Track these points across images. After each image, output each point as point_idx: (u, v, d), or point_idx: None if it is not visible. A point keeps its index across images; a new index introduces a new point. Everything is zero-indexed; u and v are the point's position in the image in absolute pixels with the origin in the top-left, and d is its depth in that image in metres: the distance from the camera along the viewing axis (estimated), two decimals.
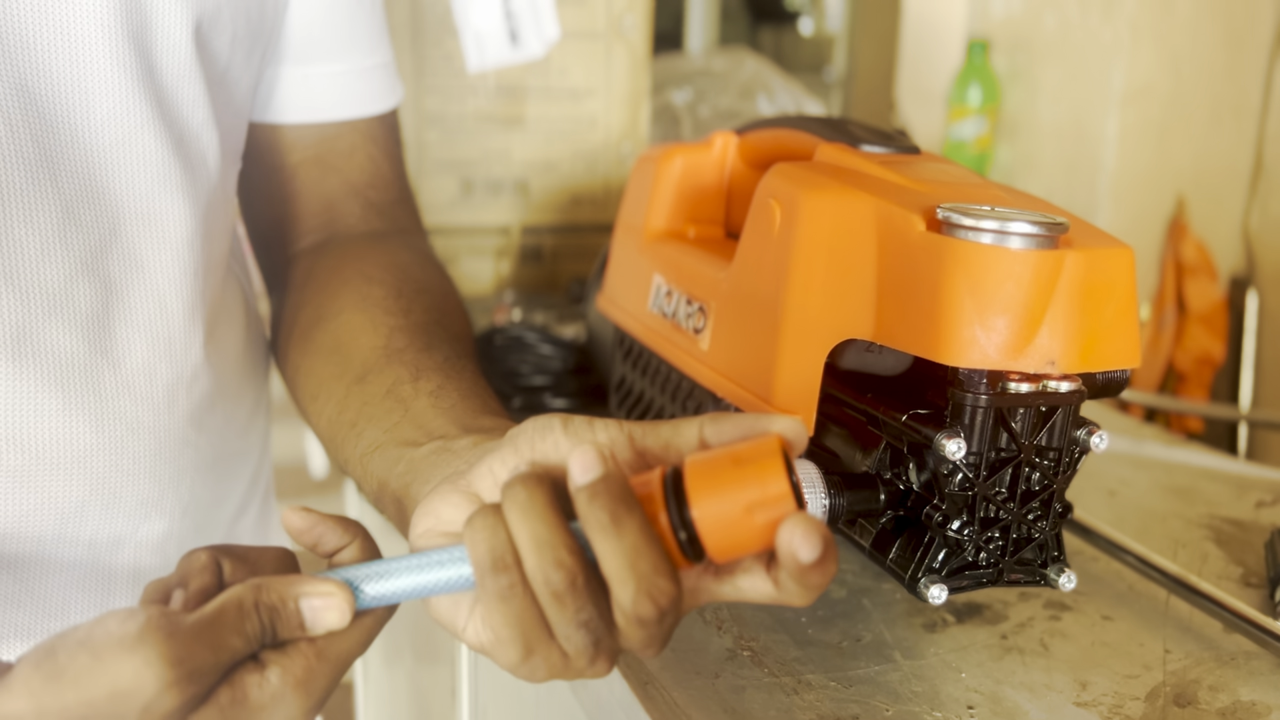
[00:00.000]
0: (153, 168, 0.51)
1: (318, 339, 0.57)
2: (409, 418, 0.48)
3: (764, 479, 0.34)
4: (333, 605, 0.36)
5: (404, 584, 0.37)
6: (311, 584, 0.36)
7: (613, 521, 0.34)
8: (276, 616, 0.36)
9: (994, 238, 0.41)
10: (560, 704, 0.60)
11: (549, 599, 0.35)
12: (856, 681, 0.47)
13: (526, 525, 0.35)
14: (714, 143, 0.65)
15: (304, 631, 0.36)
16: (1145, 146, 1.61)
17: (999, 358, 0.41)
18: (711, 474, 0.35)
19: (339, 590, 0.37)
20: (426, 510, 0.40)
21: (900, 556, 0.46)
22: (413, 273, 0.60)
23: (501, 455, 0.39)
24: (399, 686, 1.17)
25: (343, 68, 0.62)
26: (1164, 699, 0.47)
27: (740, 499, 0.35)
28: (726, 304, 0.54)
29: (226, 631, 0.35)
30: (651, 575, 0.34)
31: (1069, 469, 0.45)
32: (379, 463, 0.47)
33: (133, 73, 0.49)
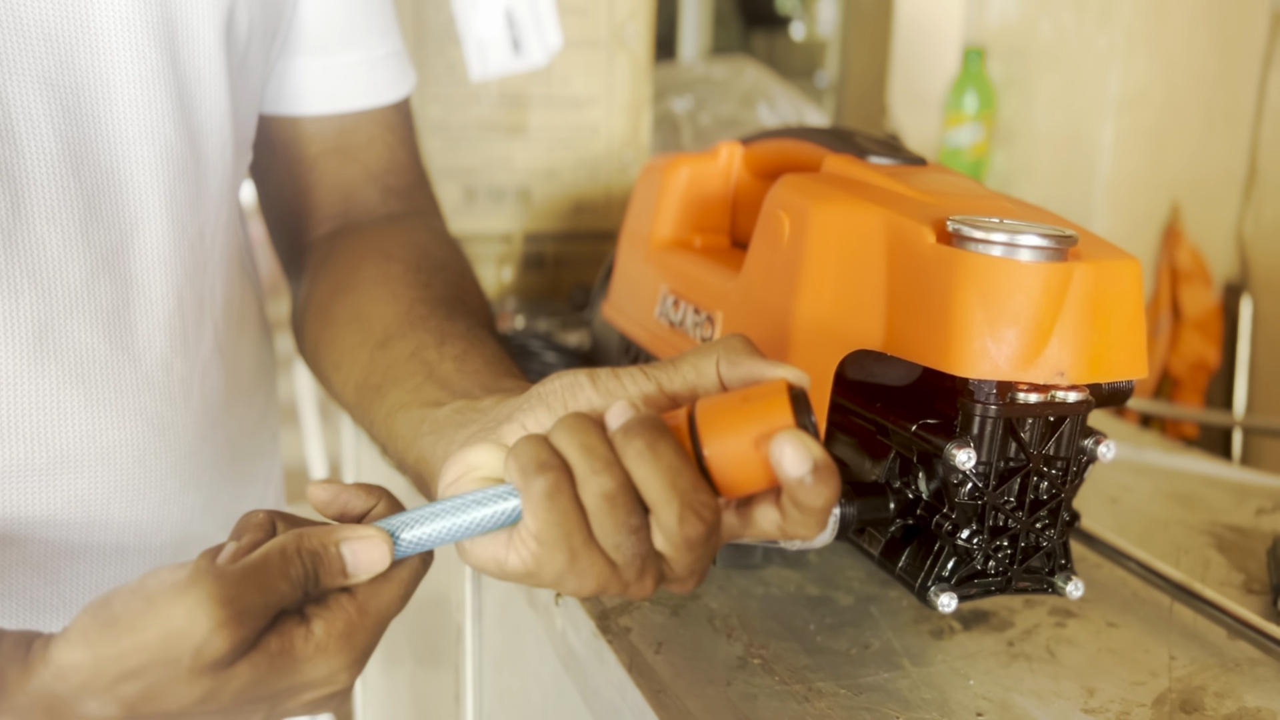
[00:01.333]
0: (174, 161, 0.52)
1: (337, 311, 0.57)
2: (433, 379, 0.48)
3: (770, 414, 0.36)
4: (373, 547, 0.38)
5: (442, 526, 0.38)
6: (351, 530, 0.38)
7: (649, 447, 0.35)
8: (319, 561, 0.37)
9: (1004, 250, 0.41)
10: (570, 711, 0.61)
11: (599, 503, 0.36)
12: (866, 689, 0.47)
13: (575, 437, 0.36)
14: (719, 152, 0.65)
15: (346, 576, 0.37)
16: (1140, 153, 1.62)
17: (1009, 369, 0.41)
18: (722, 413, 0.37)
19: (378, 533, 0.38)
20: (457, 460, 0.41)
21: (910, 565, 0.47)
22: (431, 250, 0.61)
23: (535, 413, 0.40)
24: (399, 692, 1.17)
25: (359, 57, 0.63)
26: (1170, 705, 0.47)
27: (748, 435, 0.36)
28: (735, 313, 0.54)
29: (273, 574, 0.36)
30: (692, 491, 0.35)
31: (1076, 478, 0.46)
32: (402, 423, 0.48)
33: (155, 65, 0.50)
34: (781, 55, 3.23)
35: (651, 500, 0.36)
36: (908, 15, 2.08)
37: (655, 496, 0.36)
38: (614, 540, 0.36)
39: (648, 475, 0.35)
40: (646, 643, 0.50)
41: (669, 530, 0.36)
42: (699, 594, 0.55)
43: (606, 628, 0.51)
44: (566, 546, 0.36)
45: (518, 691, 0.73)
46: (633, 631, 0.51)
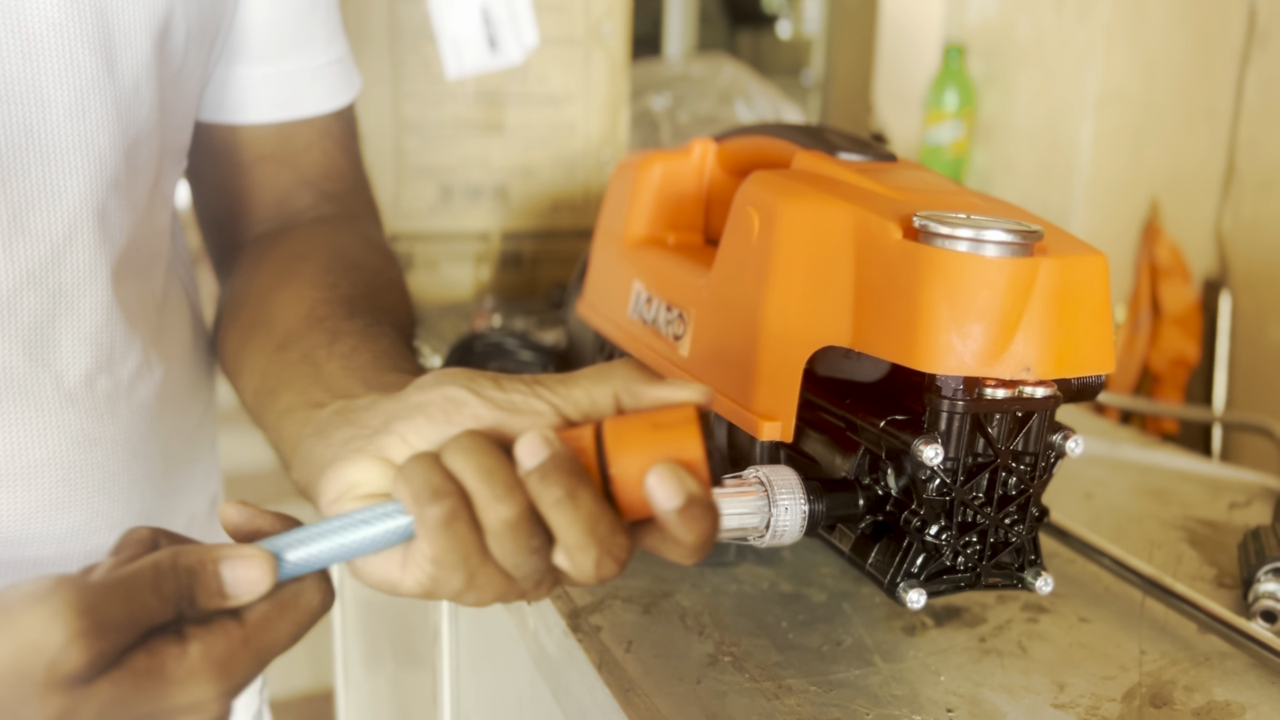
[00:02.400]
0: (108, 172, 0.51)
1: (245, 316, 0.56)
2: (319, 381, 0.47)
3: (680, 444, 0.36)
4: (253, 566, 0.36)
5: (329, 546, 0.37)
6: (231, 548, 0.36)
7: (568, 496, 0.35)
8: (195, 579, 0.35)
9: (970, 245, 0.41)
10: (542, 709, 0.60)
11: (501, 529, 0.35)
12: (837, 685, 0.47)
13: (472, 460, 0.36)
14: (693, 150, 0.65)
15: (224, 597, 0.36)
16: (1119, 150, 1.63)
17: (975, 364, 0.41)
18: (631, 439, 0.37)
19: (259, 553, 0.36)
20: (335, 476, 0.40)
21: (879, 561, 0.47)
22: (348, 251, 0.60)
23: (414, 423, 0.39)
24: (380, 691, 1.17)
25: (300, 65, 0.62)
26: (1140, 700, 0.47)
27: (655, 461, 0.36)
28: (706, 311, 0.54)
29: (142, 588, 0.34)
30: (610, 536, 0.36)
31: (1045, 474, 0.46)
32: (290, 426, 0.46)
33: (90, 75, 0.48)
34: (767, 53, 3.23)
35: (567, 545, 0.36)
36: (892, 13, 2.08)
37: (572, 543, 0.36)
38: (514, 561, 0.36)
39: (567, 523, 0.35)
40: (617, 641, 0.50)
41: (583, 572, 0.36)
42: (671, 591, 0.55)
43: (577, 626, 0.51)
44: (464, 569, 0.36)
45: (494, 691, 0.72)
46: (603, 630, 0.51)
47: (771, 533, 0.45)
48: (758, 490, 0.45)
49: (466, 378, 0.40)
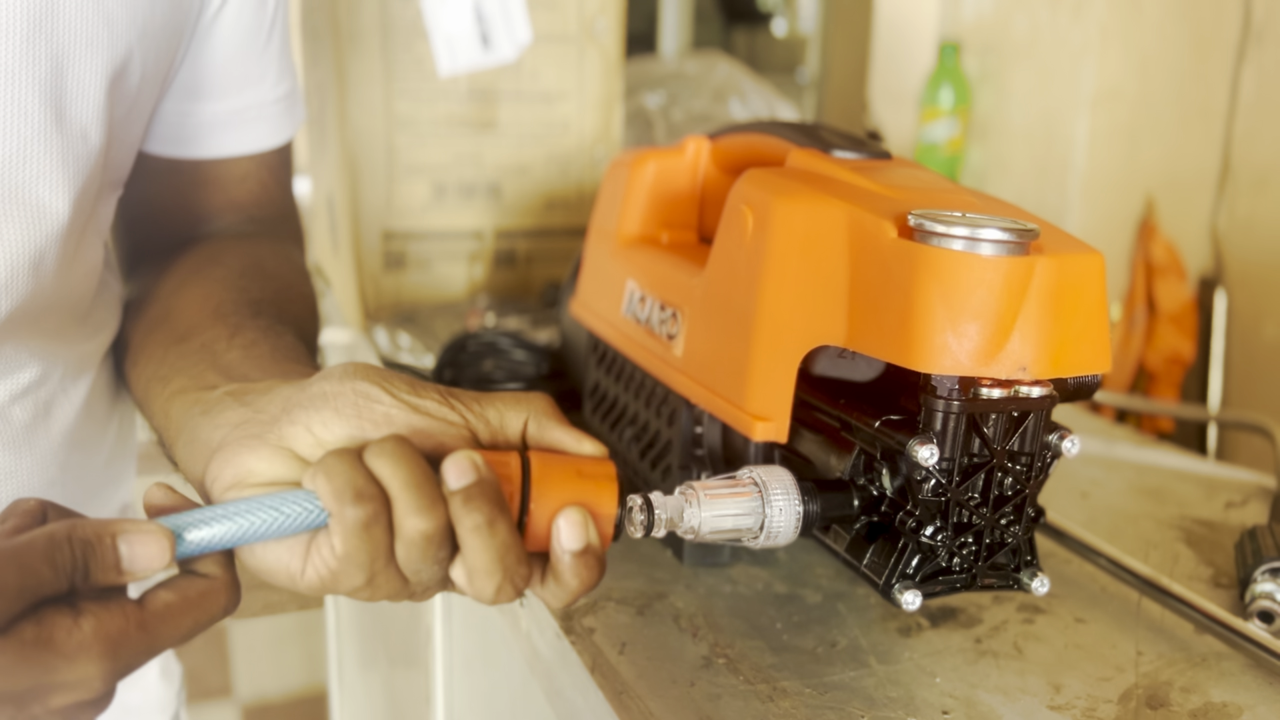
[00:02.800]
0: (46, 222, 0.49)
1: (150, 311, 0.55)
2: (215, 367, 0.47)
3: (600, 499, 0.40)
4: (151, 542, 0.35)
5: (232, 528, 0.37)
6: (130, 522, 0.35)
7: (488, 524, 0.37)
8: (91, 552, 0.34)
9: (965, 244, 0.41)
10: (535, 712, 0.60)
11: (416, 539, 0.37)
12: (832, 688, 0.47)
13: (400, 470, 0.37)
14: (687, 148, 0.65)
15: (120, 572, 0.35)
16: (1115, 148, 1.63)
17: (971, 364, 0.41)
18: (557, 483, 0.40)
19: (158, 529, 0.35)
20: (229, 461, 0.39)
21: (874, 562, 0.46)
22: (263, 261, 0.59)
23: (321, 415, 0.39)
24: (374, 692, 1.17)
25: (247, 102, 0.61)
26: (1137, 701, 0.47)
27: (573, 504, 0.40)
28: (700, 310, 0.53)
29: (34, 556, 0.33)
30: (516, 567, 0.38)
31: (1041, 474, 0.45)
32: (178, 407, 0.45)
33: (37, 123, 0.47)
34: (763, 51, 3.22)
35: (473, 568, 0.38)
36: (887, 11, 2.08)
37: (480, 567, 0.37)
38: (416, 569, 0.38)
39: (480, 548, 0.37)
40: (610, 643, 0.49)
41: (481, 594, 0.38)
42: (665, 593, 0.54)
43: (571, 628, 0.51)
44: (369, 569, 0.37)
45: (487, 692, 0.72)
46: (597, 632, 0.50)
47: (766, 534, 0.45)
48: (752, 491, 0.45)
49: (379, 374, 0.40)
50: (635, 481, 0.62)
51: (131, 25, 0.50)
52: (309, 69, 1.08)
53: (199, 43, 0.57)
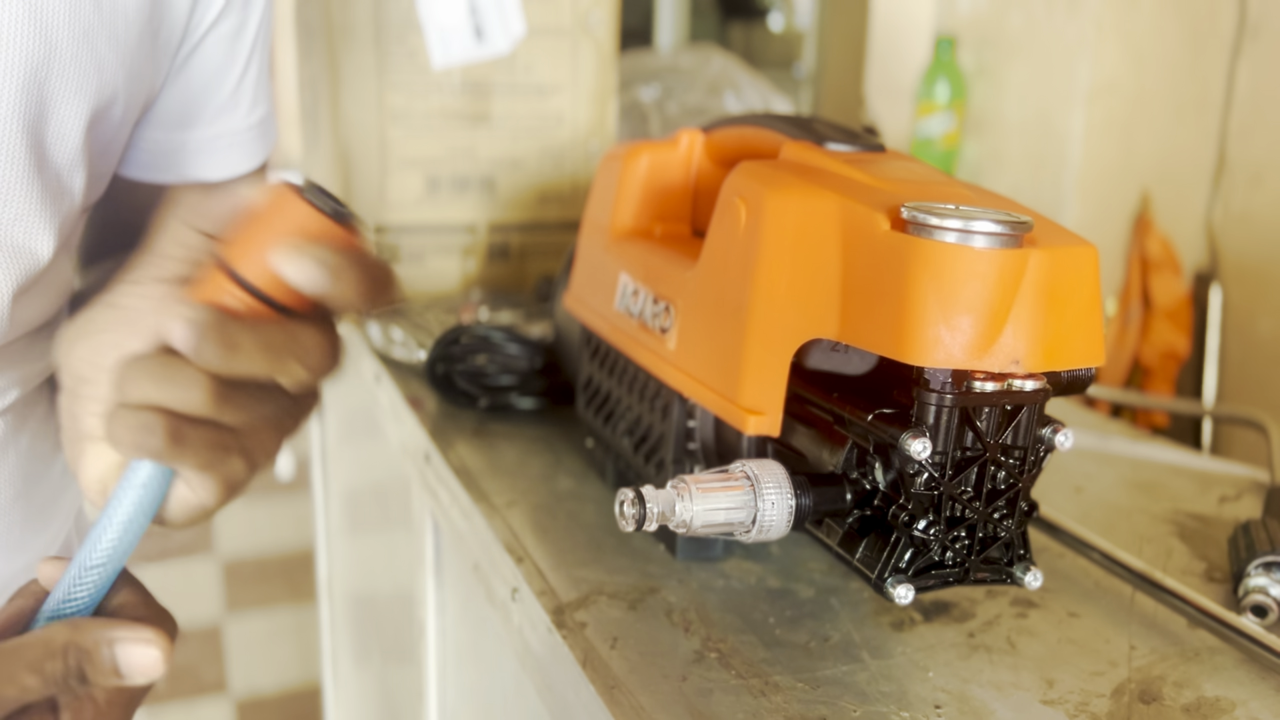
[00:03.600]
0: (24, 263, 0.48)
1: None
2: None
3: (287, 217, 0.36)
4: (148, 651, 0.36)
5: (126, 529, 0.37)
6: (127, 629, 0.36)
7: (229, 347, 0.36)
8: (87, 660, 0.35)
9: (958, 237, 0.40)
10: (527, 707, 0.60)
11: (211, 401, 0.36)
12: (824, 682, 0.47)
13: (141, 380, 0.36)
14: (680, 140, 0.64)
15: (119, 678, 0.36)
16: (1110, 142, 1.63)
17: (963, 357, 0.41)
18: (248, 244, 0.37)
19: (154, 636, 0.36)
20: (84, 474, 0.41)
21: (867, 556, 0.46)
22: None
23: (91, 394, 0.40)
24: (368, 688, 1.16)
25: (219, 131, 0.61)
26: (1129, 696, 0.47)
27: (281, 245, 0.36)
28: (693, 303, 0.53)
29: (22, 666, 0.34)
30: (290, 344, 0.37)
31: (1034, 468, 0.45)
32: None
33: (21, 166, 0.46)
34: (759, 46, 3.22)
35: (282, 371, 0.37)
36: (884, 6, 2.08)
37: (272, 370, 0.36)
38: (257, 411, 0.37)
39: (257, 365, 0.36)
40: (602, 638, 0.49)
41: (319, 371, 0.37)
42: (657, 588, 0.54)
43: (562, 623, 0.51)
44: (228, 451, 0.37)
45: (479, 688, 0.72)
46: (588, 626, 0.50)
47: (758, 527, 0.45)
48: (744, 485, 0.44)
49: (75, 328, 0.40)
50: (629, 476, 0.62)
51: (120, 67, 0.50)
52: (301, 62, 1.07)
53: (176, 73, 0.57)
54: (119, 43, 0.49)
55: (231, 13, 0.56)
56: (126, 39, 0.49)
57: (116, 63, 0.49)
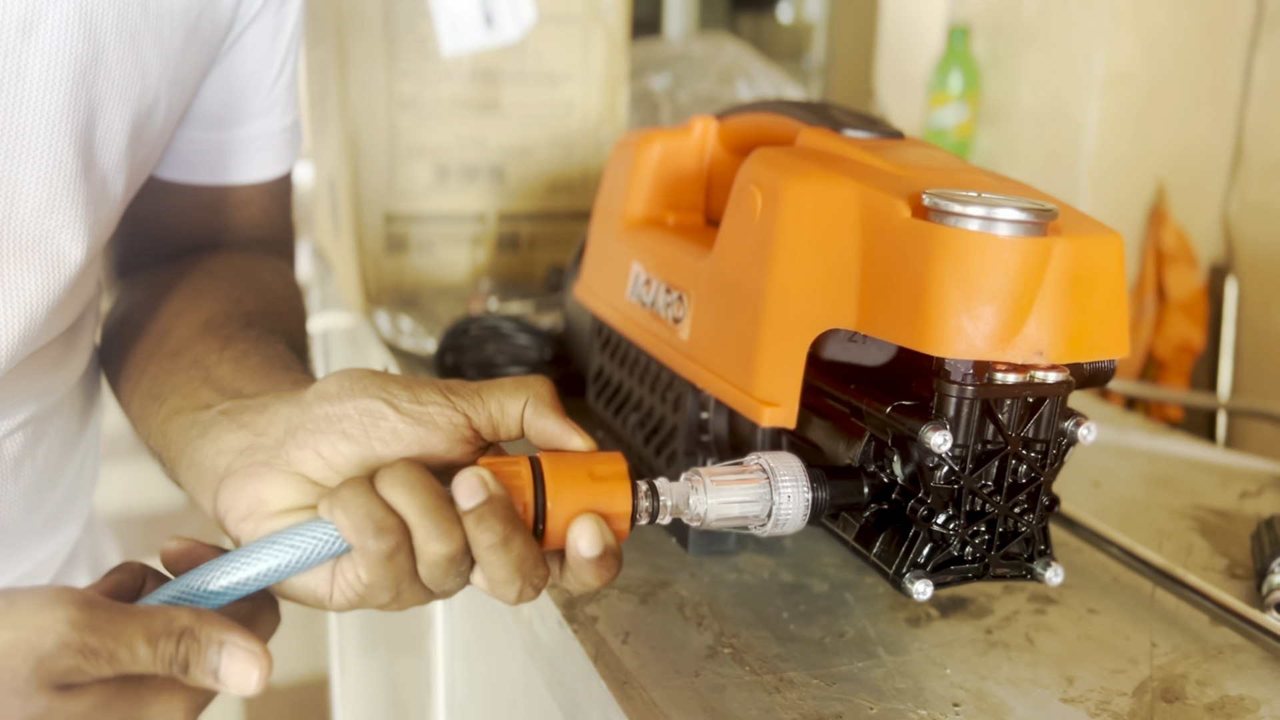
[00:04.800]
0: (66, 268, 0.47)
1: (141, 324, 0.55)
2: (209, 383, 0.46)
3: (613, 499, 0.40)
4: (251, 667, 0.36)
5: (260, 571, 0.38)
6: (244, 637, 0.36)
7: (502, 542, 0.37)
8: (195, 652, 0.35)
9: (981, 224, 0.39)
10: (536, 702, 0.59)
11: (437, 559, 0.37)
12: (839, 679, 0.46)
13: (415, 498, 0.37)
14: (693, 128, 0.63)
15: (214, 682, 0.36)
16: (1125, 133, 1.61)
17: (986, 348, 0.40)
18: (569, 485, 0.40)
19: (261, 652, 0.36)
20: (241, 491, 0.40)
21: (884, 551, 0.45)
22: (259, 275, 0.59)
23: (329, 440, 0.40)
24: (375, 680, 1.16)
25: (252, 133, 0.60)
26: (1151, 694, 0.46)
27: (586, 508, 0.40)
28: (706, 293, 0.52)
29: (141, 633, 0.34)
30: (533, 572, 0.39)
31: (1056, 461, 0.44)
32: (175, 430, 0.45)
33: (69, 172, 0.46)
34: (768, 38, 3.20)
35: (493, 579, 0.38)
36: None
37: (499, 579, 0.38)
38: (441, 584, 0.39)
39: (497, 564, 0.38)
40: (613, 632, 0.48)
41: (504, 598, 0.39)
42: (669, 581, 0.53)
43: (573, 617, 0.50)
44: (394, 589, 0.38)
45: (487, 681, 0.71)
46: (599, 621, 0.49)
47: (773, 521, 0.44)
48: (759, 478, 0.43)
49: (377, 385, 0.40)
50: (640, 468, 0.61)
51: (164, 73, 0.50)
52: (310, 49, 1.06)
53: (215, 71, 0.57)
54: (163, 45, 0.49)
55: (269, 12, 0.56)
56: (171, 42, 0.49)
57: (161, 66, 0.49)
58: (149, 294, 0.57)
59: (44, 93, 0.44)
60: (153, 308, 0.55)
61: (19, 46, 0.43)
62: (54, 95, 0.44)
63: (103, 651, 0.33)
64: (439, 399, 0.40)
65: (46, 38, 0.43)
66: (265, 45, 0.57)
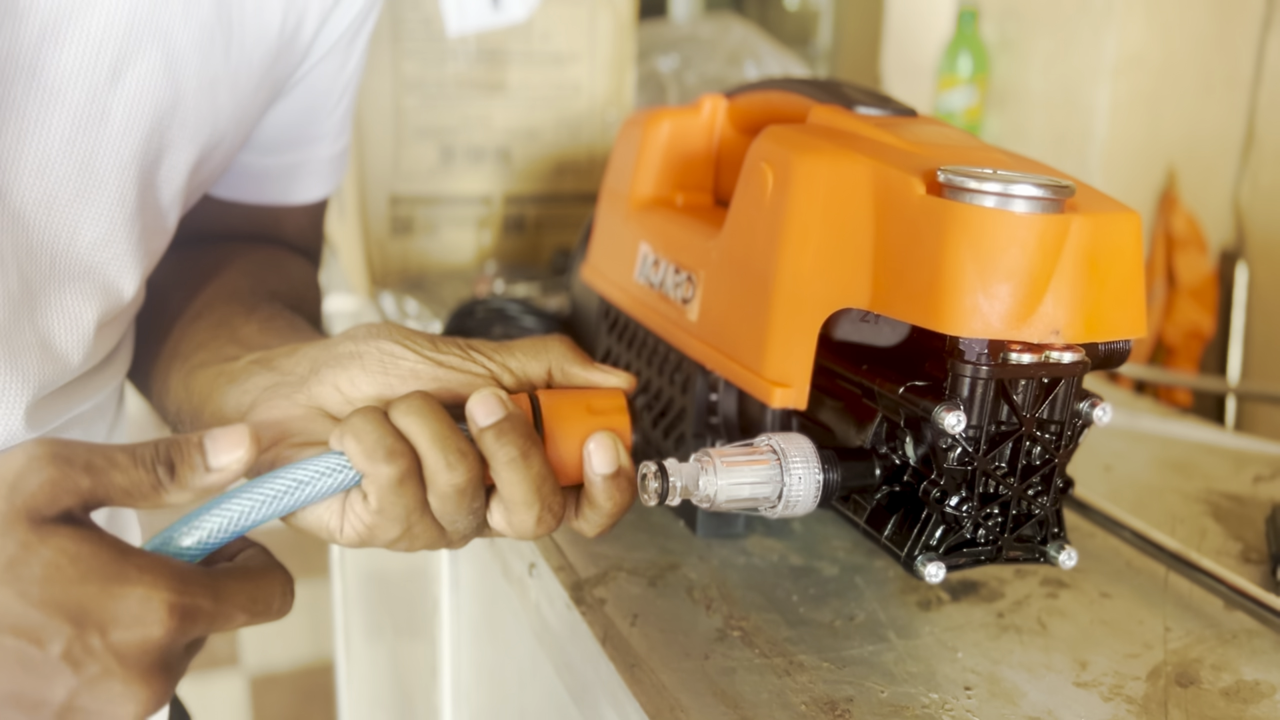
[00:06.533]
0: (121, 295, 0.47)
1: (163, 292, 0.55)
2: (235, 340, 0.47)
3: (614, 428, 0.40)
4: (233, 435, 0.35)
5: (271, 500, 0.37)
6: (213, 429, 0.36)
7: (522, 456, 0.37)
8: (176, 449, 0.35)
9: (997, 201, 0.39)
10: (543, 684, 0.59)
11: (448, 490, 0.37)
12: (850, 662, 0.45)
13: (426, 425, 0.37)
14: (703, 106, 0.63)
15: (206, 469, 0.35)
16: (1136, 117, 1.60)
17: (1001, 327, 0.39)
18: (568, 417, 0.40)
19: (240, 428, 0.36)
20: (263, 425, 0.40)
21: (896, 534, 0.45)
22: (282, 262, 0.60)
23: (349, 375, 0.40)
24: (380, 664, 1.16)
25: (307, 157, 0.61)
26: (1165, 678, 0.45)
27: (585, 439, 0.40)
28: (716, 273, 0.52)
29: (116, 449, 0.34)
30: (552, 495, 0.39)
31: (1071, 443, 0.43)
32: (199, 380, 0.46)
33: (130, 207, 0.46)
34: (774, 23, 3.19)
35: (511, 501, 0.38)
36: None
37: (518, 499, 0.38)
38: (452, 519, 0.38)
39: (517, 480, 0.38)
40: (622, 615, 0.48)
41: (522, 528, 0.39)
42: (678, 564, 0.53)
43: (581, 599, 0.49)
44: (404, 522, 0.38)
45: (494, 664, 0.71)
46: (608, 603, 0.49)
47: (784, 503, 0.43)
48: (770, 459, 0.43)
49: (402, 332, 0.41)
50: (648, 451, 0.61)
51: (234, 115, 0.50)
52: None
53: (277, 105, 0.57)
54: (237, 91, 0.49)
55: (339, 49, 0.56)
56: (245, 87, 0.50)
57: (231, 111, 0.50)
58: (170, 268, 0.57)
59: (123, 136, 0.44)
60: (174, 279, 0.56)
61: (106, 91, 0.43)
62: (131, 139, 0.45)
63: (76, 459, 0.32)
64: (457, 350, 0.41)
65: (133, 84, 0.44)
66: (330, 79, 0.57)
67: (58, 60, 0.41)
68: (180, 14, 0.44)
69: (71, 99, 0.42)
